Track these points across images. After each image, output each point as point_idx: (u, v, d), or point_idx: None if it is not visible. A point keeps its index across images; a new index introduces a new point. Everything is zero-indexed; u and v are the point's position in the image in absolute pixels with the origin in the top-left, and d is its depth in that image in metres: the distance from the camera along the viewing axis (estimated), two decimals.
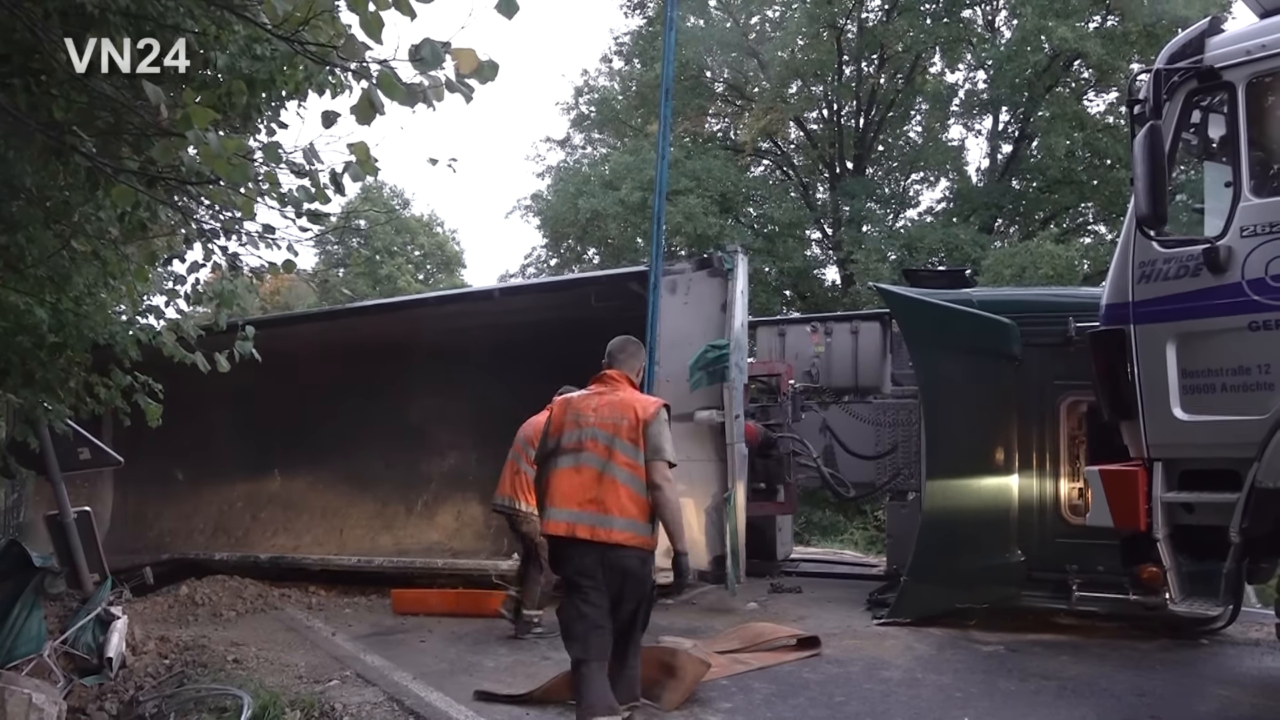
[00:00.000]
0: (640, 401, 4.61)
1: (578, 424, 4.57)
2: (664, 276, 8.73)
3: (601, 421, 4.54)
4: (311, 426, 11.40)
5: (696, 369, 8.44)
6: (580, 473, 4.48)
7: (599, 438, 4.51)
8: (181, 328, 5.73)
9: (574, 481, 4.48)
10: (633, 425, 4.49)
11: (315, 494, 11.64)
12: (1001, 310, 7.72)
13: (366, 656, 7.04)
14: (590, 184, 25.57)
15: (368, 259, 33.93)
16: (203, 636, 7.51)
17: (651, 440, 4.47)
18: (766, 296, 24.08)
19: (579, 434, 4.54)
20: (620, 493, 4.41)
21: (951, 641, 7.13)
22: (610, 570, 4.39)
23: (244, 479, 12.08)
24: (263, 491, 11.98)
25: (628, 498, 4.42)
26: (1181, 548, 5.03)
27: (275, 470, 11.97)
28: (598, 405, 4.61)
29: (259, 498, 11.97)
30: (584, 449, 4.51)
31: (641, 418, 4.51)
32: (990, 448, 7.55)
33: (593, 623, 4.37)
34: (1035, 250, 18.75)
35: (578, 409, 4.63)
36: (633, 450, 4.46)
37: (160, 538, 11.88)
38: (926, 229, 23.12)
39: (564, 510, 4.47)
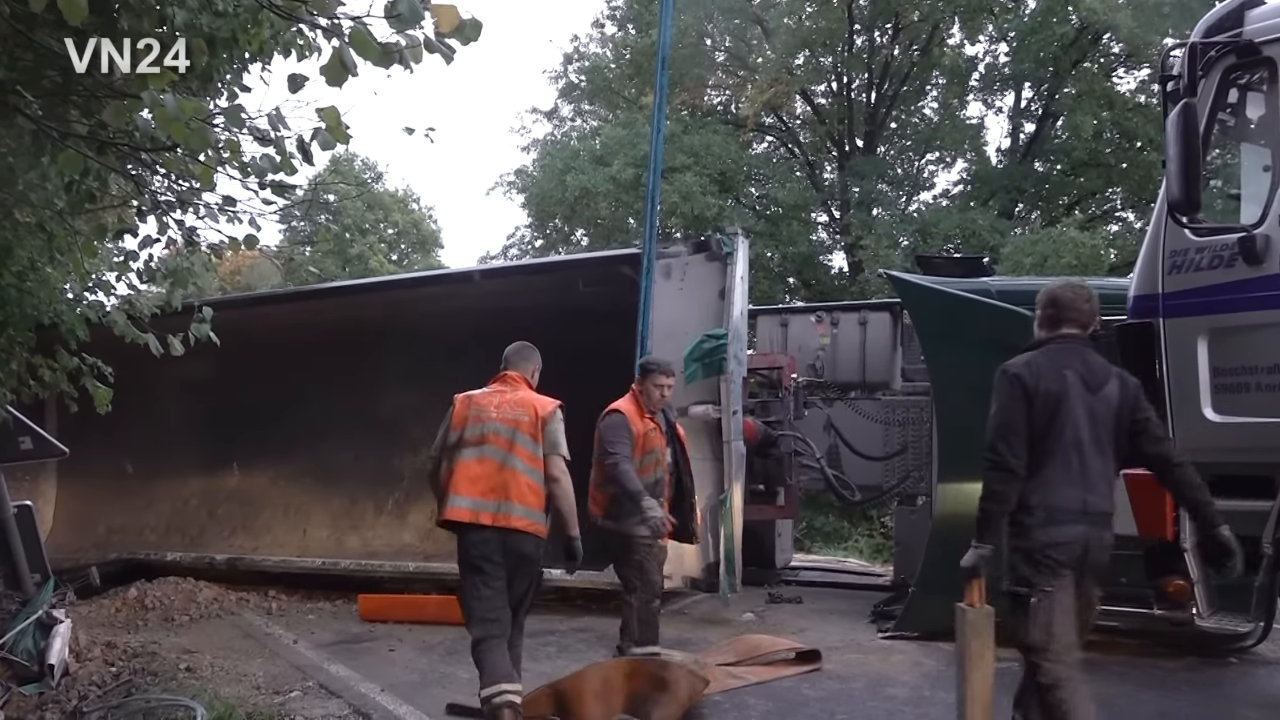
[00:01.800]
0: (539, 401, 5.32)
1: (480, 419, 5.22)
2: (658, 260, 8.73)
3: (503, 417, 5.21)
4: (274, 417, 11.37)
5: (692, 360, 8.43)
6: (483, 464, 5.12)
7: (501, 432, 5.17)
8: (134, 305, 5.71)
9: (476, 472, 5.11)
10: (532, 422, 5.20)
11: (277, 490, 11.62)
12: (1021, 301, 7.68)
13: (331, 666, 7.03)
14: (579, 159, 25.52)
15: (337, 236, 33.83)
16: (153, 643, 7.50)
17: (549, 436, 5.20)
18: (768, 283, 24.10)
19: (481, 428, 5.19)
20: (520, 482, 5.10)
21: None
22: (508, 554, 5.08)
23: (200, 473, 12.05)
24: (220, 487, 11.95)
25: (527, 487, 5.11)
26: (1210, 559, 5.03)
27: (234, 464, 11.94)
28: (499, 403, 5.28)
29: (216, 494, 11.94)
30: (486, 442, 5.16)
31: (540, 415, 5.22)
32: None
33: (491, 604, 5.09)
34: (1058, 238, 18.80)
35: (480, 405, 5.27)
36: (532, 445, 5.16)
37: (108, 536, 11.85)
38: (942, 213, 23.17)
39: (467, 498, 5.10)
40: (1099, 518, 4.18)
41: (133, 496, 12.16)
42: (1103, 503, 4.19)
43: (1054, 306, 4.43)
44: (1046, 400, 4.16)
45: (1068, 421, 4.14)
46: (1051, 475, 4.13)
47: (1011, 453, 4.14)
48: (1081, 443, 4.15)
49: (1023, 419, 4.16)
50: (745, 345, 9.00)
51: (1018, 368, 4.27)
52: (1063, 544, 4.09)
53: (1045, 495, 4.12)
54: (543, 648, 7.49)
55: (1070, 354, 4.29)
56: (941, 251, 21.03)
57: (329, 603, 9.50)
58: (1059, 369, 4.22)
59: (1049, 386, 4.17)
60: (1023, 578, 4.12)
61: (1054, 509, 4.11)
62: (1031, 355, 4.35)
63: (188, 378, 10.91)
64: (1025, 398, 4.18)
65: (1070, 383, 4.18)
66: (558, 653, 7.33)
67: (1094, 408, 4.18)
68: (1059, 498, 4.12)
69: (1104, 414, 4.20)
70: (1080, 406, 4.16)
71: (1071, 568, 4.11)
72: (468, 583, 5.17)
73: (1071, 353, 4.29)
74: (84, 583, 9.38)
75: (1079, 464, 4.13)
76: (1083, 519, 4.12)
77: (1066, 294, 4.45)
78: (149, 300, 6.20)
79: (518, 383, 5.47)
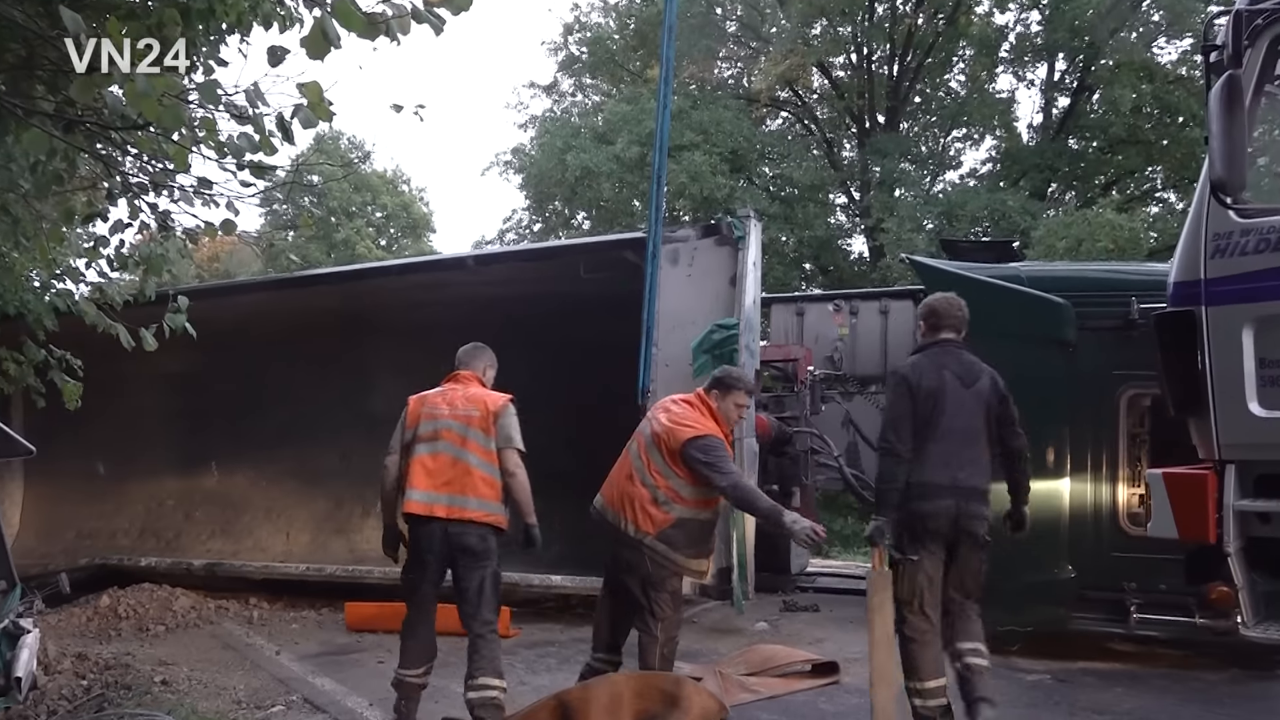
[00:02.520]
0: (490, 396, 5.83)
1: (433, 416, 5.73)
2: (664, 245, 8.71)
3: (455, 414, 5.71)
4: (255, 414, 11.38)
5: (701, 352, 8.43)
6: (436, 459, 5.64)
7: (453, 428, 5.68)
8: (105, 294, 5.72)
9: (431, 466, 5.64)
10: (484, 417, 5.68)
11: (258, 491, 11.64)
12: (1054, 288, 7.71)
13: (316, 679, 7.06)
14: (580, 137, 25.54)
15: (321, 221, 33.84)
16: (126, 654, 7.52)
17: (502, 430, 5.67)
18: (783, 269, 24.10)
19: (434, 425, 5.71)
20: (474, 476, 5.59)
21: (991, 670, 7.14)
22: (452, 546, 5.59)
23: (176, 473, 12.08)
24: (197, 488, 11.98)
25: (481, 480, 5.60)
26: (1256, 564, 5.02)
27: (212, 463, 11.96)
28: (452, 400, 5.78)
29: (193, 495, 11.96)
30: (440, 438, 5.67)
31: (492, 410, 5.70)
32: (1038, 447, 7.52)
33: (424, 595, 5.77)
34: (1094, 220, 18.75)
35: (433, 403, 5.79)
36: (485, 439, 5.64)
37: (78, 540, 11.88)
38: (969, 194, 23.14)
39: (422, 492, 5.62)
40: (968, 491, 5.29)
41: (104, 498, 12.19)
42: (971, 479, 5.30)
43: (934, 315, 5.62)
44: (927, 395, 5.28)
45: (944, 412, 5.28)
46: (929, 457, 5.25)
47: (899, 440, 5.28)
48: (955, 430, 5.28)
49: (908, 412, 5.29)
50: (758, 336, 8.99)
51: (905, 369, 5.44)
52: (933, 515, 5.22)
53: (923, 473, 5.25)
54: (542, 659, 7.51)
55: (948, 355, 5.46)
56: (968, 235, 20.99)
57: (314, 611, 9.51)
58: (939, 368, 5.37)
59: (929, 384, 5.30)
60: (900, 545, 5.31)
61: (928, 485, 5.23)
62: (917, 358, 5.51)
63: (162, 372, 10.90)
64: (910, 394, 5.31)
65: (947, 380, 5.33)
66: (558, 664, 7.35)
67: (967, 401, 5.33)
68: (933, 474, 5.24)
69: (975, 406, 5.35)
70: (955, 400, 5.30)
71: (943, 536, 5.27)
72: (411, 573, 5.78)
73: (949, 354, 5.46)
74: (53, 590, 9.36)
75: (952, 448, 5.27)
76: (952, 493, 5.24)
77: (942, 304, 5.65)
78: (121, 289, 6.20)
79: (470, 380, 5.95)
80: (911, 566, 5.29)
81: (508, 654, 7.59)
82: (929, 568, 5.30)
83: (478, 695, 5.55)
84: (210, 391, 11.59)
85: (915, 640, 5.31)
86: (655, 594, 5.56)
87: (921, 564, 5.28)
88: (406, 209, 41.44)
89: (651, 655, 5.67)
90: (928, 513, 5.24)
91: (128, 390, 11.33)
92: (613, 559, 5.73)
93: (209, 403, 11.66)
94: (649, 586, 5.56)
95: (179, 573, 10.37)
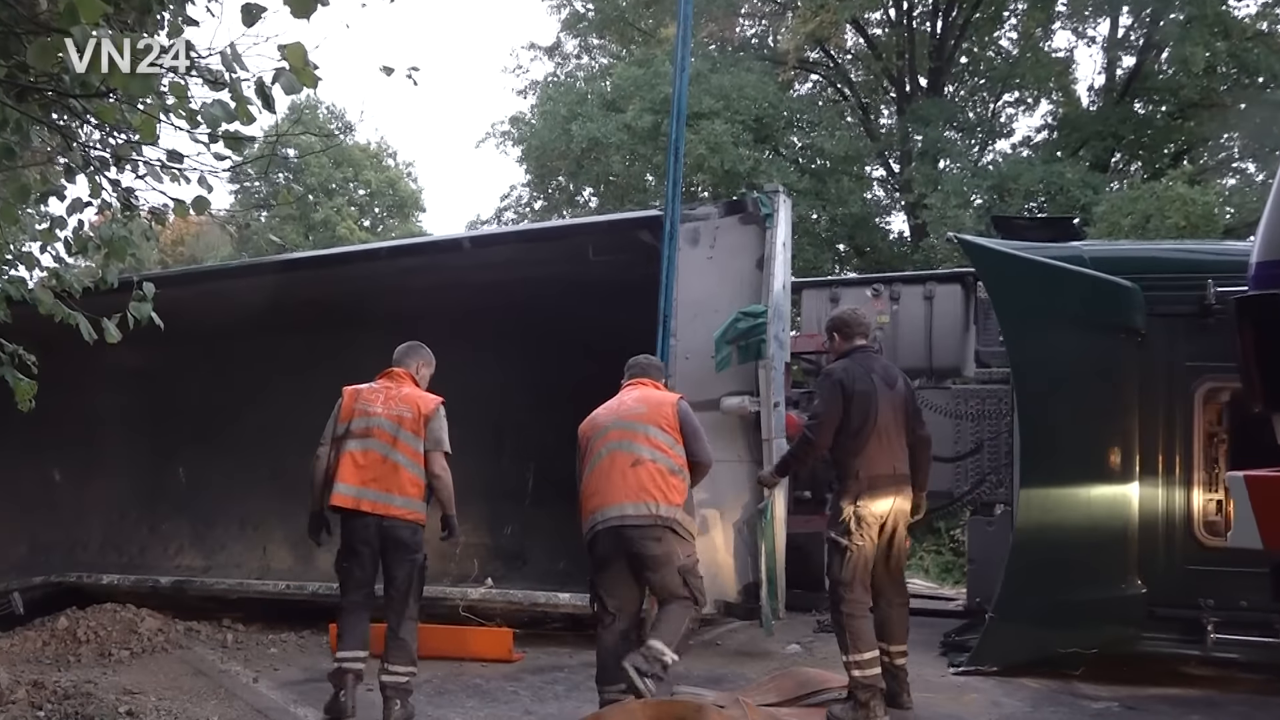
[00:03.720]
0: (422, 398, 6.71)
1: (366, 413, 6.62)
2: (683, 224, 8.70)
3: (388, 413, 6.59)
4: (228, 413, 11.42)
5: (724, 343, 8.43)
6: (367, 455, 6.52)
7: (385, 427, 6.55)
8: (62, 280, 5.73)
9: (361, 462, 6.52)
10: (415, 419, 6.57)
11: (232, 500, 11.68)
12: (1120, 270, 7.70)
13: (297, 709, 7.08)
14: (587, 104, 25.50)
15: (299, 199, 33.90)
16: (87, 682, 7.54)
17: (432, 433, 6.58)
18: (814, 251, 24.06)
19: (367, 422, 6.59)
20: (402, 475, 6.49)
21: (1050, 696, 7.15)
22: (384, 539, 6.48)
23: (140, 480, 12.12)
24: (164, 496, 12.02)
25: (408, 480, 6.49)
26: None
27: (180, 470, 12.01)
28: (385, 399, 6.66)
29: (159, 504, 12.01)
30: (371, 435, 6.55)
31: (423, 412, 6.60)
32: (1103, 447, 7.54)
33: (360, 581, 6.61)
34: (1163, 194, 18.66)
35: (367, 399, 6.67)
36: (414, 440, 6.53)
37: (32, 555, 11.93)
38: (1022, 165, 23.03)
39: (351, 486, 6.49)
40: (902, 479, 6.49)
41: (61, 508, 12.24)
42: (903, 468, 6.50)
43: (846, 326, 6.77)
44: (861, 397, 6.38)
45: (878, 412, 6.39)
46: (870, 452, 6.36)
47: (820, 437, 6.45)
48: (888, 427, 6.43)
49: (836, 413, 6.39)
50: (788, 325, 8.98)
51: (839, 373, 6.47)
52: (879, 512, 6.35)
53: (868, 467, 6.34)
54: (549, 686, 7.54)
55: (870, 360, 6.64)
56: (1023, 211, 20.92)
57: (294, 634, 9.55)
58: (867, 373, 6.48)
59: (862, 387, 6.40)
60: (846, 531, 6.33)
61: (875, 477, 6.34)
62: (845, 363, 6.56)
63: (126, 367, 10.96)
64: (842, 397, 6.38)
65: (876, 383, 6.45)
66: (566, 692, 7.37)
67: (892, 400, 6.49)
68: (877, 468, 6.36)
69: (899, 404, 6.53)
70: (885, 400, 6.43)
71: (882, 524, 6.41)
72: (342, 563, 6.62)
73: (871, 359, 6.66)
74: (5, 611, 9.47)
75: (888, 442, 6.42)
76: (893, 481, 6.42)
77: (849, 314, 6.91)
78: (79, 275, 6.22)
79: (403, 379, 6.83)
80: (856, 554, 6.35)
81: (511, 680, 7.67)
82: (869, 552, 6.39)
83: (390, 679, 6.40)
84: (178, 390, 11.63)
85: (856, 615, 6.32)
86: (693, 580, 6.10)
87: (865, 550, 6.36)
88: (393, 186, 41.50)
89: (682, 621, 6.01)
90: (875, 509, 6.34)
91: (87, 389, 11.38)
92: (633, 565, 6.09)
93: (177, 402, 11.70)
94: (688, 575, 6.07)
95: (144, 591, 10.41)
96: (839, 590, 6.38)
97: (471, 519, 10.69)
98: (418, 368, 7.01)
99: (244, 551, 11.39)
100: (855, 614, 6.32)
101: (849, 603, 6.33)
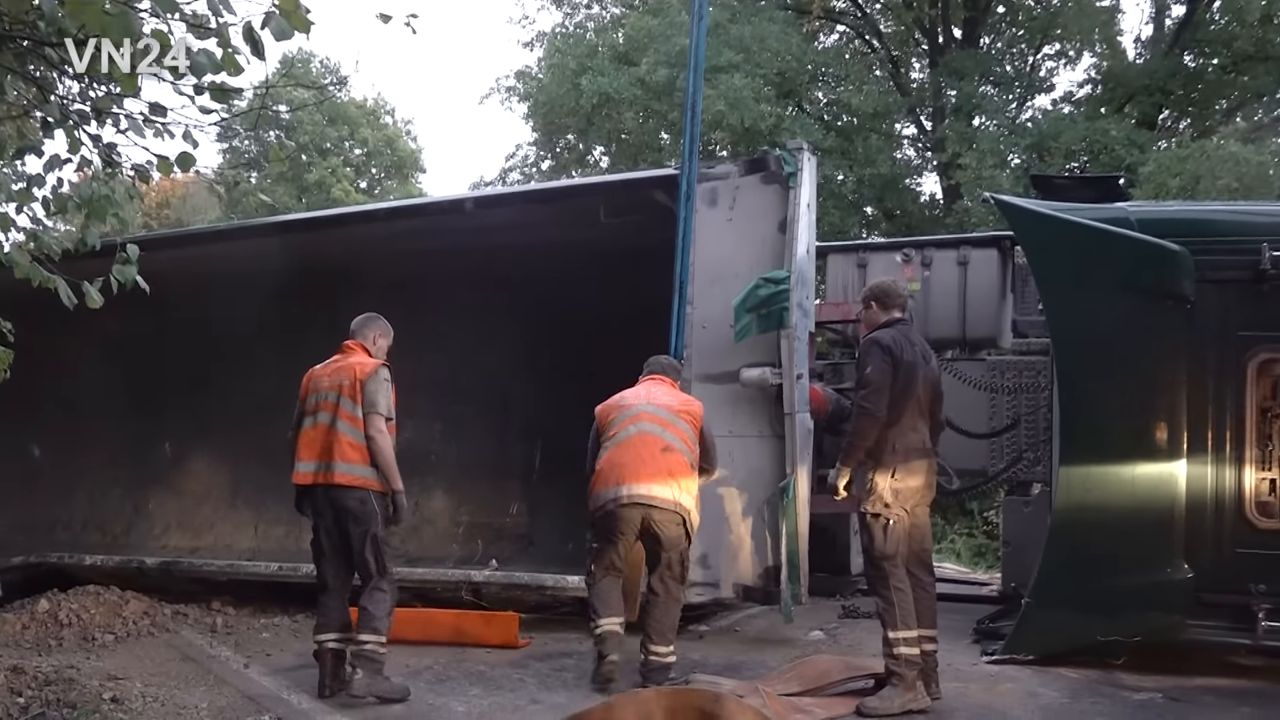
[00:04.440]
0: (361, 364, 6.99)
1: (316, 389, 7.04)
2: (700, 184, 8.67)
3: (331, 384, 6.95)
4: (217, 385, 11.44)
5: (745, 311, 8.40)
6: (316, 429, 6.93)
7: (329, 398, 6.92)
8: (40, 242, 5.72)
9: (310, 437, 6.95)
10: (352, 385, 6.87)
11: (221, 477, 11.73)
12: (1168, 233, 7.65)
13: (291, 696, 7.10)
14: (597, 57, 25.41)
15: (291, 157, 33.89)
16: (70, 667, 7.58)
17: (368, 396, 6.84)
18: (840, 214, 23.98)
19: (316, 397, 7.00)
20: (342, 442, 6.79)
21: (1090, 687, 7.15)
22: (335, 509, 6.85)
23: (124, 456, 12.16)
24: (150, 473, 12.07)
25: (348, 445, 6.79)
26: None
27: (166, 444, 12.04)
28: (331, 371, 7.05)
29: (145, 481, 12.06)
30: (320, 409, 6.95)
31: (359, 377, 6.88)
32: (1149, 423, 7.52)
33: (331, 561, 7.00)
34: (1214, 152, 18.56)
35: (317, 376, 7.11)
36: (353, 406, 6.84)
37: (11, 535, 11.96)
38: (1063, 122, 22.89)
39: (307, 462, 6.93)
40: (930, 454, 6.79)
41: (41, 486, 12.28)
42: (931, 444, 6.83)
43: (886, 295, 6.97)
44: (908, 368, 6.60)
45: (916, 384, 6.64)
46: (904, 426, 6.62)
47: (877, 406, 6.55)
48: (921, 400, 6.70)
49: (889, 381, 6.55)
50: (813, 292, 8.95)
51: (888, 340, 6.65)
52: (914, 485, 6.62)
53: (903, 440, 6.60)
54: (557, 674, 7.56)
55: (912, 332, 6.90)
56: (1064, 171, 20.81)
57: (287, 617, 9.58)
58: (911, 344, 6.73)
59: (909, 358, 6.63)
60: (887, 504, 6.56)
61: (909, 450, 6.62)
62: (892, 332, 6.74)
63: (108, 336, 10.98)
64: (893, 365, 6.57)
65: (918, 356, 6.70)
66: (576, 680, 7.39)
67: (928, 375, 6.79)
68: (910, 441, 6.64)
69: (931, 383, 6.85)
70: (923, 375, 6.70)
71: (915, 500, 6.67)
72: (314, 539, 7.06)
73: (912, 332, 6.91)
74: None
75: (921, 418, 6.73)
76: (924, 455, 6.72)
77: (890, 284, 7.14)
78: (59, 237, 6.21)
79: (354, 350, 7.16)
80: (898, 525, 6.59)
81: (517, 667, 7.69)
82: (907, 526, 6.66)
83: (356, 648, 6.74)
84: (164, 360, 11.64)
85: (905, 589, 6.55)
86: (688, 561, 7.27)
87: (904, 521, 6.62)
88: (390, 145, 41.53)
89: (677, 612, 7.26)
90: (914, 477, 6.62)
91: (67, 358, 11.42)
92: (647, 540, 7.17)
93: (163, 372, 11.71)
94: (684, 555, 7.21)
95: (129, 573, 10.45)
96: (883, 565, 6.57)
97: (475, 498, 10.76)
98: (374, 339, 7.29)
99: (234, 531, 11.43)
100: (904, 588, 6.54)
101: (897, 576, 6.55)
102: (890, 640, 6.45)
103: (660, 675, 6.97)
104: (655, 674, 7.00)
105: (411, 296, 10.31)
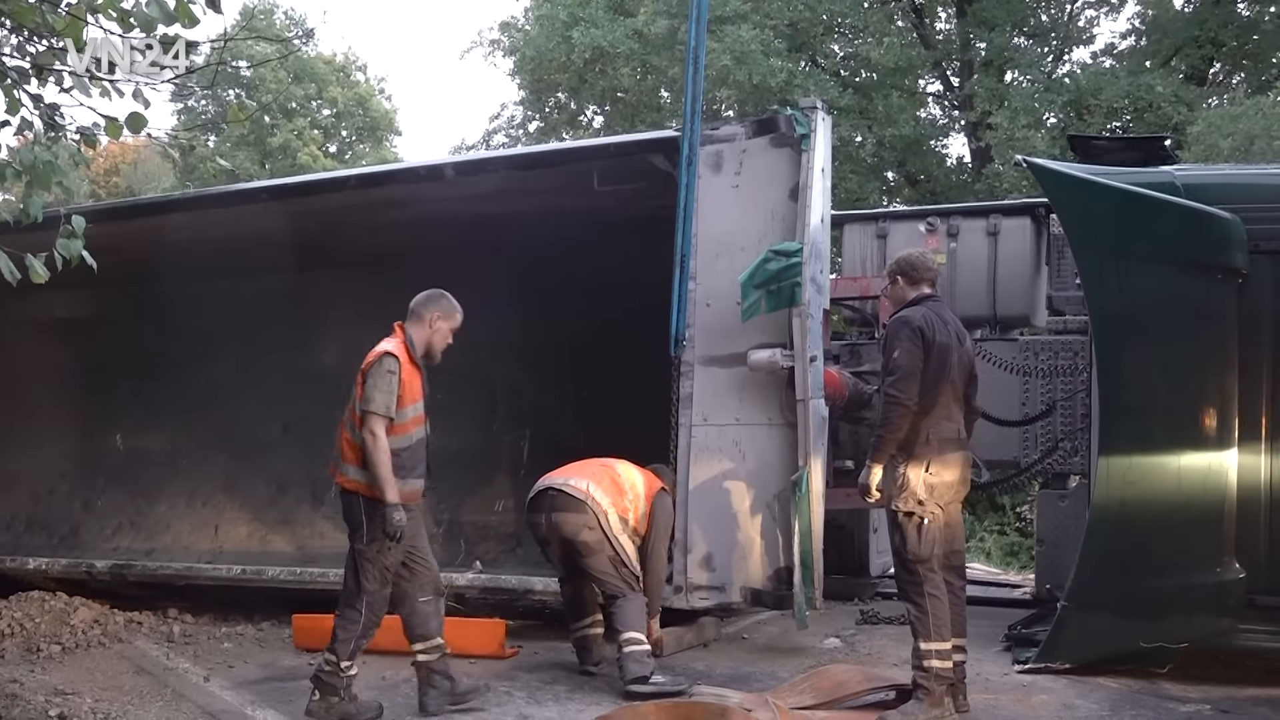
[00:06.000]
0: (375, 351, 6.79)
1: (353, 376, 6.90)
2: (704, 146, 8.64)
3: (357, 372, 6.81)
4: (173, 370, 11.44)
5: (753, 287, 8.39)
6: (340, 422, 6.92)
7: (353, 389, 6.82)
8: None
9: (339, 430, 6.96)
10: (360, 375, 6.75)
11: (178, 471, 11.74)
12: (1219, 199, 7.64)
13: (256, 711, 7.12)
14: (590, 7, 25.35)
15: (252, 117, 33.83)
16: (12, 681, 7.60)
17: (365, 391, 6.65)
18: (858, 179, 24.01)
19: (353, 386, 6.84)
20: (344, 439, 6.82)
21: (1131, 698, 7.16)
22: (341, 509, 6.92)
23: (71, 448, 12.18)
24: (100, 466, 12.09)
25: (347, 444, 6.79)
26: None
27: (117, 436, 12.06)
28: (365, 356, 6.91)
29: (94, 476, 12.08)
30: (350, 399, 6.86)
31: (363, 369, 6.74)
32: (1196, 409, 7.52)
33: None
34: (1270, 111, 18.56)
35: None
36: (355, 400, 6.74)
37: None
38: (1104, 77, 22.91)
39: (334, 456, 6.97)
40: (966, 445, 6.77)
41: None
42: (966, 433, 6.80)
43: (915, 269, 6.86)
44: (940, 351, 6.52)
45: (950, 368, 6.56)
46: (939, 414, 6.53)
47: (908, 394, 6.43)
48: (955, 385, 6.62)
49: (919, 366, 6.46)
50: (828, 266, 8.95)
51: (918, 320, 6.55)
52: (950, 480, 6.54)
53: (938, 429, 6.53)
54: (548, 686, 7.56)
55: (944, 310, 6.85)
56: (1104, 131, 20.80)
57: (251, 626, 9.61)
58: (944, 323, 6.64)
59: (941, 339, 6.53)
60: (920, 501, 6.46)
61: (945, 441, 6.55)
62: (922, 310, 6.66)
63: (53, 316, 10.99)
64: (924, 348, 6.48)
65: (951, 336, 6.62)
66: (568, 692, 7.39)
67: (962, 357, 6.70)
68: (945, 431, 6.56)
69: (966, 365, 6.76)
70: (957, 357, 6.61)
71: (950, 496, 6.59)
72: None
73: (944, 309, 6.86)
74: None
75: (954, 402, 6.64)
76: (960, 447, 6.67)
77: (918, 257, 7.02)
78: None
79: (393, 333, 6.97)
80: (933, 524, 6.50)
81: (504, 679, 7.70)
82: (941, 521, 6.56)
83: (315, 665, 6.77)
84: (115, 342, 11.65)
85: (940, 596, 6.49)
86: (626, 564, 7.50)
87: (939, 519, 6.53)
88: (362, 105, 41.49)
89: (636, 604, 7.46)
90: (949, 470, 6.55)
91: (9, 341, 11.43)
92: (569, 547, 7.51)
93: (113, 357, 11.73)
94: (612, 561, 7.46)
95: (77, 576, 10.47)
96: (917, 569, 6.48)
97: (457, 494, 10.76)
98: (431, 320, 7.01)
99: (192, 531, 11.45)
100: (939, 595, 6.48)
101: (932, 582, 6.47)
102: (922, 652, 6.40)
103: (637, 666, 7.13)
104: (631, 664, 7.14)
105: (385, 272, 10.30)
